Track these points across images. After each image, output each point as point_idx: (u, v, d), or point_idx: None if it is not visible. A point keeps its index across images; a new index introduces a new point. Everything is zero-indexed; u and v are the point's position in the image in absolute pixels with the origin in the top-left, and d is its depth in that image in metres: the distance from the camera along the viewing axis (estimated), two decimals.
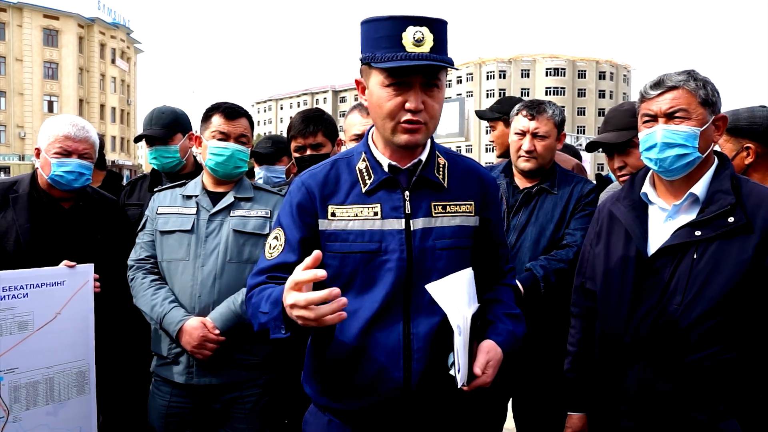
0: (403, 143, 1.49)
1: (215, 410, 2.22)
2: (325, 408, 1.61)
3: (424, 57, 1.40)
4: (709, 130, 1.66)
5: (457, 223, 1.57)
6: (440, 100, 1.51)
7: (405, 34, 1.40)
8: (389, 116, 1.47)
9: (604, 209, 1.91)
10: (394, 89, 1.45)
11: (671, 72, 1.71)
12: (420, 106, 1.45)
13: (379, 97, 1.47)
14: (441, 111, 1.53)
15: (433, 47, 1.41)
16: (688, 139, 1.64)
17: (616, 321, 1.75)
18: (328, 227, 1.55)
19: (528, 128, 2.53)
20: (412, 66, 1.40)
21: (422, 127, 1.48)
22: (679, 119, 1.65)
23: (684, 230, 1.64)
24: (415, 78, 1.44)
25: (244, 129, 2.32)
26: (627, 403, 1.71)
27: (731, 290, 1.55)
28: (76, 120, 2.41)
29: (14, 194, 2.35)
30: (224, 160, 2.26)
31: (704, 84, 1.66)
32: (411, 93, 1.44)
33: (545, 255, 2.44)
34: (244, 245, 2.22)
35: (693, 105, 1.65)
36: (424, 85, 1.45)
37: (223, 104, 2.35)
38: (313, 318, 1.25)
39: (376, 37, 1.44)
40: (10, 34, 45.08)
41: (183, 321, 2.13)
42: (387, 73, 1.43)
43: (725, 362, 1.57)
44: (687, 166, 1.67)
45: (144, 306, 2.22)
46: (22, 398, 2.03)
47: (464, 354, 1.42)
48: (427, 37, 1.40)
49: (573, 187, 2.54)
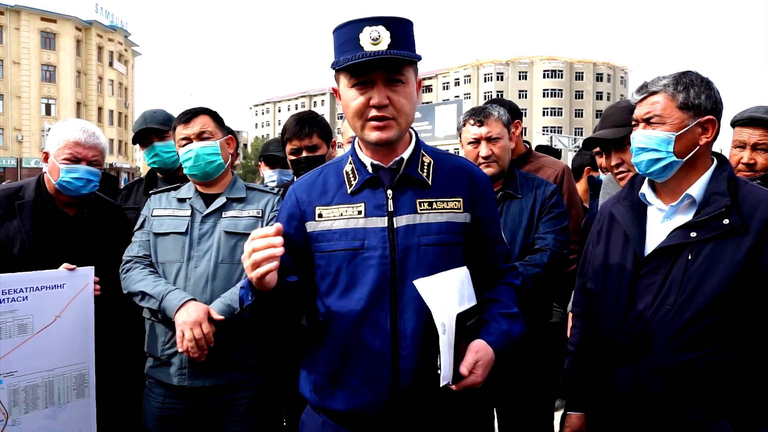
0: (374, 140, 1.53)
1: (209, 412, 2.22)
2: (319, 409, 1.63)
3: (381, 53, 1.45)
4: (691, 134, 1.67)
5: (444, 219, 1.58)
6: (407, 95, 1.53)
7: (362, 35, 1.46)
8: (357, 115, 1.53)
9: (605, 210, 1.93)
10: (358, 89, 1.51)
11: (661, 75, 1.73)
12: (384, 101, 1.49)
13: (346, 97, 1.54)
14: (411, 106, 1.56)
15: (391, 44, 1.46)
16: (660, 144, 1.67)
17: (612, 321, 1.76)
18: (316, 228, 1.59)
19: (480, 134, 2.57)
20: (370, 62, 1.45)
21: (391, 123, 1.52)
22: (654, 124, 1.70)
23: (680, 231, 1.66)
24: (377, 75, 1.49)
25: (201, 126, 2.34)
26: (621, 403, 1.72)
27: (724, 291, 1.57)
28: (87, 126, 2.42)
29: (20, 200, 2.36)
30: (193, 162, 2.29)
31: (687, 87, 1.67)
32: (375, 90, 1.50)
33: (519, 261, 2.44)
34: (236, 246, 2.24)
35: (669, 110, 1.68)
36: (387, 81, 1.50)
37: (181, 113, 2.40)
38: (249, 260, 1.36)
39: (339, 44, 1.51)
40: (7, 37, 44.98)
41: (186, 299, 2.13)
42: (350, 73, 1.51)
43: (717, 363, 1.58)
44: (665, 169, 1.70)
45: (145, 287, 2.19)
46: (22, 401, 2.03)
47: (448, 353, 1.42)
48: (383, 35, 1.46)
49: (535, 190, 2.57)
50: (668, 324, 1.62)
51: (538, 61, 78.72)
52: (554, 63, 78.64)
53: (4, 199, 2.34)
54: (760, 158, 2.39)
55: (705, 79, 1.71)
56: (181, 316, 2.10)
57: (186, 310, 2.10)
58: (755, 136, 2.39)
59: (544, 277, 2.39)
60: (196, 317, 2.08)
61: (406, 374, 1.52)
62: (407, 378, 1.52)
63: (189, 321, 2.08)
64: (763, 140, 2.37)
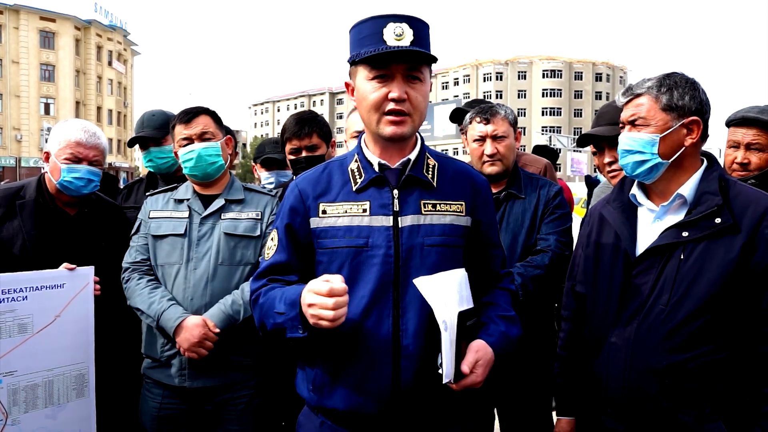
0: (389, 135, 1.54)
1: (207, 412, 2.22)
2: (318, 408, 1.62)
3: (405, 47, 1.47)
4: (676, 135, 1.68)
5: (447, 221, 1.59)
6: (424, 93, 1.55)
7: (386, 29, 1.49)
8: (374, 108, 1.54)
9: (595, 212, 1.93)
10: (378, 81, 1.52)
11: (647, 77, 1.74)
12: (403, 95, 1.51)
13: (364, 90, 1.55)
14: (425, 105, 1.57)
15: (413, 41, 1.49)
16: (645, 146, 1.68)
17: (604, 322, 1.76)
18: (319, 224, 1.60)
19: (486, 132, 2.56)
20: (393, 54, 1.47)
21: (407, 119, 1.53)
22: (639, 126, 1.71)
23: (671, 231, 1.66)
24: (397, 69, 1.51)
25: (203, 126, 2.34)
26: (613, 405, 1.72)
27: (717, 290, 1.56)
28: (88, 126, 2.43)
29: (21, 200, 2.36)
30: (195, 163, 2.29)
31: (671, 89, 1.68)
32: (394, 83, 1.51)
33: (521, 261, 2.44)
34: (235, 248, 2.24)
35: (653, 111, 1.69)
36: (406, 77, 1.52)
37: (180, 112, 2.39)
38: (331, 318, 1.37)
39: (360, 38, 1.53)
40: (6, 37, 44.95)
41: (182, 318, 2.13)
42: (370, 66, 1.52)
43: (711, 363, 1.57)
44: (651, 171, 1.70)
45: (141, 304, 2.20)
46: (21, 401, 2.04)
47: (450, 350, 1.43)
48: (407, 32, 1.49)
49: (539, 190, 2.56)
50: (661, 324, 1.62)
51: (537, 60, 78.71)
52: (553, 63, 78.65)
53: (4, 199, 2.35)
54: (753, 158, 2.39)
55: (690, 79, 1.71)
56: (182, 338, 2.11)
57: (185, 331, 2.11)
58: (749, 136, 2.40)
59: (545, 279, 2.39)
60: (199, 338, 2.10)
61: (407, 372, 1.52)
62: (408, 376, 1.52)
63: (192, 341, 2.10)
64: (756, 140, 2.38)
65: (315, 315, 1.39)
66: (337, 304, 1.37)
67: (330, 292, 1.37)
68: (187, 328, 2.11)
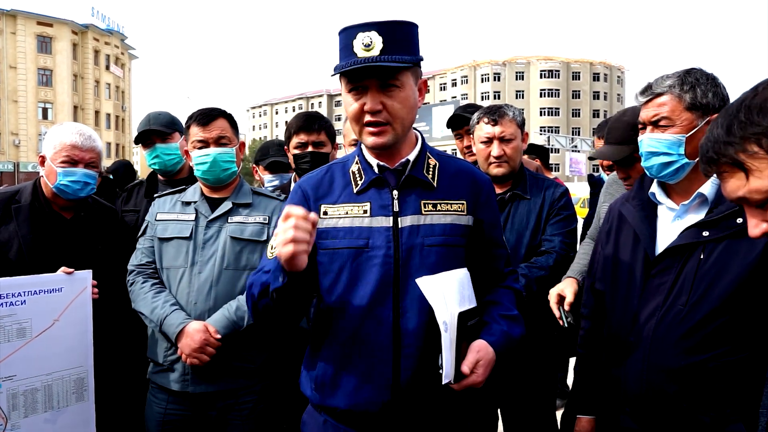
0: (370, 145, 1.56)
1: (212, 417, 2.20)
2: (320, 407, 1.63)
3: (372, 60, 1.45)
4: (701, 133, 1.63)
5: (448, 221, 1.59)
6: (403, 99, 1.53)
7: (355, 41, 1.47)
8: (354, 120, 1.55)
9: (614, 209, 1.90)
10: (354, 94, 1.53)
11: (664, 75, 1.70)
12: (376, 107, 1.50)
13: (346, 102, 1.57)
14: (408, 110, 1.55)
15: (383, 49, 1.46)
16: (671, 147, 1.65)
17: (623, 321, 1.74)
18: (321, 225, 1.59)
19: (493, 134, 2.54)
20: (362, 69, 1.47)
21: (386, 128, 1.53)
22: (663, 127, 1.67)
23: (692, 230, 1.62)
24: (370, 81, 1.50)
25: (220, 131, 2.29)
26: (631, 404, 1.69)
27: (738, 291, 1.53)
28: (83, 129, 2.41)
29: (16, 204, 2.35)
30: (209, 167, 2.25)
31: (693, 86, 1.64)
32: (368, 95, 1.51)
33: (525, 263, 2.43)
34: (241, 252, 2.21)
35: (677, 111, 1.65)
36: (381, 87, 1.50)
37: (198, 112, 2.34)
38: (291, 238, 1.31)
39: (339, 49, 1.53)
40: (3, 42, 44.96)
41: (184, 323, 2.11)
42: (346, 79, 1.53)
43: (731, 364, 1.54)
44: (677, 171, 1.67)
45: (144, 309, 2.19)
46: (21, 406, 2.02)
47: (450, 351, 1.43)
48: (375, 41, 1.46)
49: (544, 191, 2.55)
50: (680, 324, 1.59)
51: (535, 61, 78.90)
52: (551, 63, 78.85)
53: (0, 203, 2.33)
54: None
55: (710, 75, 1.68)
56: (183, 344, 2.10)
57: (187, 337, 2.09)
58: None
59: (549, 280, 2.38)
60: (200, 344, 2.08)
61: (407, 372, 1.52)
62: (408, 376, 1.52)
63: (194, 347, 2.08)
64: None
65: (278, 243, 1.33)
66: (295, 225, 1.31)
67: (286, 216, 1.33)
68: (189, 334, 2.09)
